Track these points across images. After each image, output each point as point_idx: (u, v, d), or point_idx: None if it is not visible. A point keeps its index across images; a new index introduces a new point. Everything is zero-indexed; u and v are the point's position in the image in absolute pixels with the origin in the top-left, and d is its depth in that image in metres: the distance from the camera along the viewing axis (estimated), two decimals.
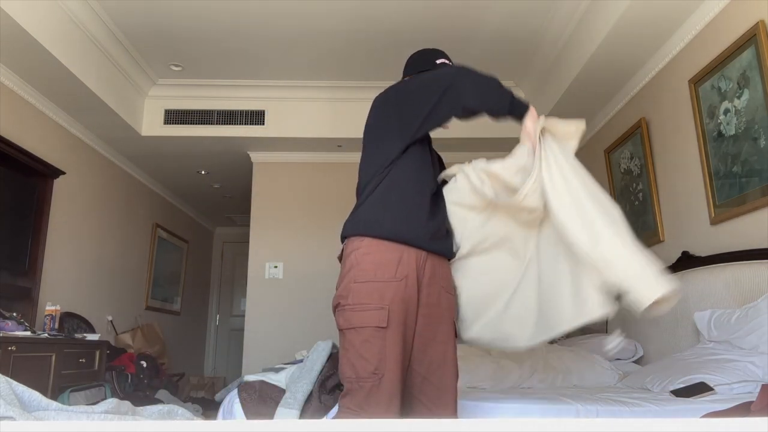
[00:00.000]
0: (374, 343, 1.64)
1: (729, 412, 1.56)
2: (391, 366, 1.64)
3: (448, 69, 1.91)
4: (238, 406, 2.24)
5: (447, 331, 1.80)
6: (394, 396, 1.63)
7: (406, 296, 1.70)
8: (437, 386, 1.74)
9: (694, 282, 3.00)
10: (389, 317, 1.65)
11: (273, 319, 4.82)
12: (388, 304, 1.66)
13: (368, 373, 1.63)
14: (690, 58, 3.19)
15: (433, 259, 1.78)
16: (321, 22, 3.78)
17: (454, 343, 1.81)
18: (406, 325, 1.69)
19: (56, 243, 4.09)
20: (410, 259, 1.72)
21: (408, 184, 1.79)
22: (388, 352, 1.64)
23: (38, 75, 3.62)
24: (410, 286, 1.71)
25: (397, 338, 1.66)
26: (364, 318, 1.66)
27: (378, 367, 1.63)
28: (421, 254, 1.75)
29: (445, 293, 1.82)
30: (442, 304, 1.80)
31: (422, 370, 1.74)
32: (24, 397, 1.51)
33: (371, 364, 1.63)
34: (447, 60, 2.01)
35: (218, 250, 8.41)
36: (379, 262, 1.70)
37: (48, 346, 3.17)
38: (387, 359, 1.63)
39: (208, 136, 4.74)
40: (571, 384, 2.84)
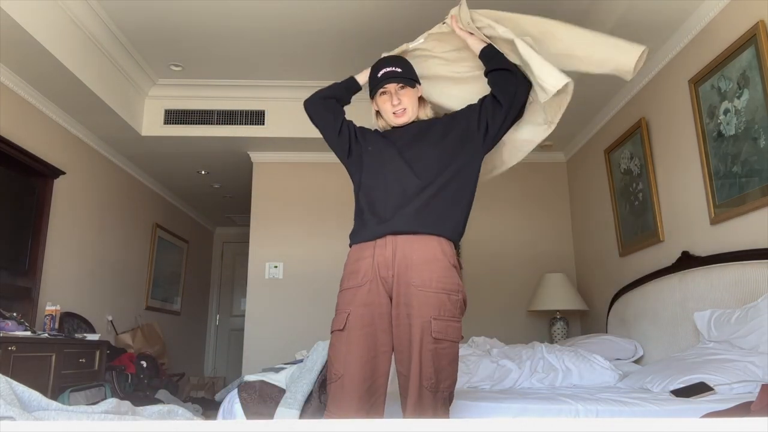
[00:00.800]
0: (336, 347, 1.78)
1: (729, 412, 1.56)
2: (351, 368, 1.71)
3: None
4: (238, 406, 2.24)
5: (413, 333, 1.71)
6: (356, 398, 1.69)
7: (369, 300, 1.78)
8: (403, 387, 1.77)
9: (694, 282, 3.01)
10: (348, 320, 1.76)
11: (273, 319, 4.82)
12: (350, 308, 1.78)
13: (332, 374, 1.76)
14: (690, 58, 3.19)
15: (403, 249, 1.78)
16: (321, 22, 3.78)
17: (421, 346, 1.69)
18: (375, 327, 1.76)
19: (56, 243, 4.10)
20: (374, 262, 1.80)
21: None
22: (346, 354, 1.73)
23: (38, 75, 3.62)
24: (373, 290, 1.78)
25: (357, 340, 1.74)
26: (333, 323, 1.82)
27: (337, 369, 1.74)
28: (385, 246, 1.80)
29: (417, 291, 1.73)
30: (411, 302, 1.73)
31: (404, 370, 1.76)
32: (24, 397, 1.51)
33: (333, 366, 1.76)
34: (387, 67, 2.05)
35: (218, 250, 8.41)
36: (348, 271, 1.86)
37: (48, 346, 3.16)
38: (346, 361, 1.72)
39: (208, 136, 4.74)
40: (571, 384, 2.84)
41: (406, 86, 2.00)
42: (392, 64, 2.01)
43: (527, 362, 2.93)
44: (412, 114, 2.00)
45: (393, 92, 1.99)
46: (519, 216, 5.06)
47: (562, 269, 4.86)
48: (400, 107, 1.98)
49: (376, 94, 2.03)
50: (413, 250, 1.78)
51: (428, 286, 1.74)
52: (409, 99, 1.99)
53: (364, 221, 1.89)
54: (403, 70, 2.01)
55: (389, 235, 1.81)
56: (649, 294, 3.46)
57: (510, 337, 4.16)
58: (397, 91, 1.99)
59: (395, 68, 2.00)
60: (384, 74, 1.98)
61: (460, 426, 0.69)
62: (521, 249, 4.97)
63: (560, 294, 4.44)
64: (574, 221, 5.03)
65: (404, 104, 1.98)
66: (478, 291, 4.98)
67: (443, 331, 1.71)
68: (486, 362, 2.97)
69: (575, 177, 5.00)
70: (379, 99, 2.03)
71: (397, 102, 1.98)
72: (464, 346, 3.46)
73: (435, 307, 1.72)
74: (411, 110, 2.00)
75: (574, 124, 4.54)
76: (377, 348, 1.74)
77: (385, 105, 2.01)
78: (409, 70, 2.04)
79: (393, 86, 1.99)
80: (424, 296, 1.73)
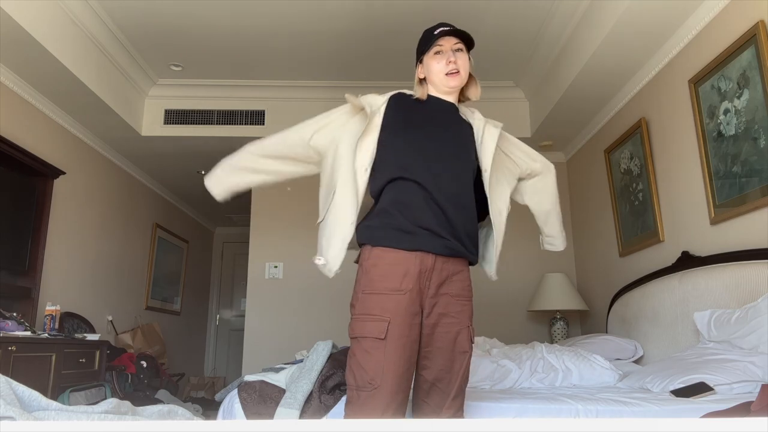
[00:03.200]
0: (373, 355, 1.65)
1: (729, 412, 1.56)
2: (390, 380, 1.64)
3: None
4: (238, 406, 2.24)
5: (458, 339, 1.74)
6: (389, 407, 1.64)
7: (410, 307, 1.69)
8: (445, 392, 1.73)
9: (694, 282, 3.01)
10: (389, 329, 1.65)
11: (273, 319, 4.82)
12: (391, 316, 1.66)
13: (365, 383, 1.65)
14: (690, 58, 3.19)
15: (442, 263, 1.74)
16: (321, 22, 3.78)
17: (467, 350, 1.75)
18: (410, 336, 1.68)
19: (56, 243, 4.10)
20: (414, 269, 1.70)
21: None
22: (386, 363, 1.64)
23: (38, 75, 3.62)
24: (413, 297, 1.70)
25: (397, 349, 1.65)
26: (366, 328, 1.68)
27: (373, 379, 1.64)
28: (427, 259, 1.72)
29: (455, 301, 1.76)
30: (451, 311, 1.75)
31: (430, 377, 1.73)
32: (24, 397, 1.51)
33: (368, 375, 1.65)
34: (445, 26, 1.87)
35: (218, 250, 8.41)
36: (384, 273, 1.72)
37: (48, 346, 3.16)
38: (384, 370, 1.64)
39: (208, 136, 4.74)
40: (571, 384, 2.84)
41: (463, 49, 1.84)
42: (449, 25, 1.85)
43: (527, 362, 2.93)
44: (464, 78, 1.85)
45: (449, 50, 1.81)
46: (519, 216, 5.05)
47: (562, 269, 4.86)
48: (455, 67, 1.81)
49: (428, 53, 1.84)
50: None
51: (465, 297, 1.81)
52: (464, 63, 1.83)
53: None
54: (463, 32, 1.84)
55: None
56: (649, 294, 3.46)
57: (510, 337, 4.15)
58: (454, 50, 1.82)
59: (453, 26, 1.84)
60: (441, 31, 1.82)
61: (460, 426, 0.69)
62: (521, 249, 4.97)
63: (560, 294, 4.44)
64: (574, 221, 5.03)
65: (459, 65, 1.82)
66: (478, 291, 4.97)
67: (473, 336, 1.80)
68: (486, 362, 2.97)
69: (575, 177, 5.00)
70: (432, 58, 1.83)
71: (453, 60, 1.80)
72: None
73: (466, 316, 1.80)
74: (464, 75, 1.84)
75: (574, 124, 4.53)
76: (410, 360, 1.70)
77: (439, 64, 1.82)
78: (468, 35, 1.85)
79: (450, 44, 1.82)
80: (460, 307, 1.78)
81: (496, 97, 4.76)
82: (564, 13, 3.66)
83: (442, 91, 1.87)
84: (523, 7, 3.65)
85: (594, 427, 0.67)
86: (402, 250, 1.70)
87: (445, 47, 1.81)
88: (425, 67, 1.86)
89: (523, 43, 4.07)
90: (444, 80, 1.82)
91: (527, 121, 4.80)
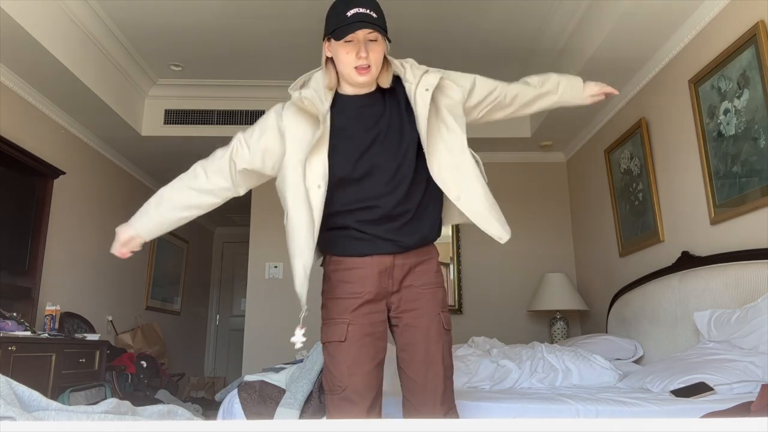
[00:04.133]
0: (337, 358, 1.67)
1: (729, 412, 1.56)
2: (357, 380, 1.66)
3: None
4: (238, 406, 2.24)
5: (431, 330, 1.72)
6: (365, 408, 1.65)
7: (372, 306, 1.70)
8: (423, 385, 1.71)
9: (694, 282, 3.01)
10: (348, 330, 1.66)
11: (273, 319, 4.82)
12: (349, 317, 1.67)
13: (334, 386, 1.68)
14: (690, 58, 3.19)
15: (402, 259, 1.70)
16: (321, 22, 3.78)
17: (440, 338, 1.72)
18: (373, 335, 1.69)
19: (56, 243, 4.09)
20: (373, 272, 1.69)
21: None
22: (351, 365, 1.65)
23: (38, 75, 3.62)
24: (376, 297, 1.70)
25: (360, 349, 1.66)
26: (329, 333, 1.71)
27: (341, 381, 1.66)
28: (385, 260, 1.69)
29: (424, 290, 1.73)
30: (421, 301, 1.72)
31: (408, 371, 1.73)
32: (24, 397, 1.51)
33: (335, 378, 1.67)
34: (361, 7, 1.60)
35: (218, 250, 8.40)
36: (342, 278, 1.72)
37: (48, 346, 3.16)
38: (349, 372, 1.65)
39: (208, 136, 4.74)
40: (571, 384, 2.84)
41: (379, 38, 1.60)
42: (365, 5, 1.58)
43: (527, 362, 2.93)
44: (375, 73, 1.63)
45: (362, 41, 1.58)
46: (519, 216, 5.05)
47: (562, 269, 4.86)
48: (365, 62, 1.58)
49: (339, 38, 1.58)
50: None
51: (433, 284, 1.76)
52: (377, 55, 1.60)
53: None
54: (377, 15, 1.59)
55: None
56: (649, 294, 3.46)
57: (510, 337, 4.15)
58: (367, 41, 1.58)
59: (368, 11, 1.57)
60: (355, 15, 1.55)
61: (460, 426, 0.69)
62: (521, 249, 4.97)
63: (560, 294, 4.44)
64: (574, 221, 5.03)
65: (371, 59, 1.59)
66: (478, 291, 4.99)
67: (448, 321, 1.76)
68: (486, 362, 2.97)
69: (575, 177, 5.00)
70: (341, 46, 1.59)
71: (365, 55, 1.58)
72: (464, 346, 3.46)
73: (439, 304, 1.75)
74: (375, 69, 1.62)
75: (574, 124, 4.53)
76: (377, 356, 1.71)
77: (348, 56, 1.59)
78: (382, 17, 1.61)
79: (363, 33, 1.57)
80: (430, 296, 1.74)
81: None
82: (564, 13, 3.66)
83: (351, 83, 1.66)
84: (524, 7, 3.65)
85: (594, 427, 0.67)
86: (358, 257, 1.69)
87: (357, 36, 1.57)
88: (333, 50, 1.63)
89: (523, 42, 4.07)
90: (352, 74, 1.61)
91: (527, 121, 4.80)
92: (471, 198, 1.68)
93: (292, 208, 1.70)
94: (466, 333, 3.95)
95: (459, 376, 2.85)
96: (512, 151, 5.09)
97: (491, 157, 5.08)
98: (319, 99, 1.66)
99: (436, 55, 4.12)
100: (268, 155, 1.73)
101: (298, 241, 1.69)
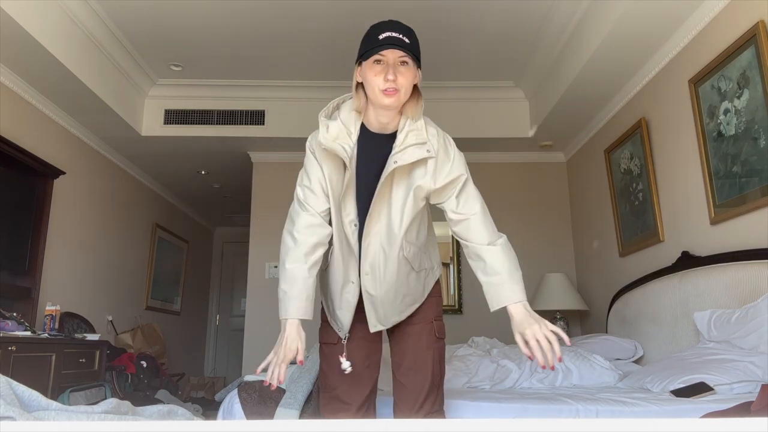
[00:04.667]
0: (330, 359, 1.75)
1: (729, 412, 1.56)
2: (348, 380, 1.72)
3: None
4: (238, 406, 2.24)
5: (422, 336, 1.78)
6: (354, 408, 1.71)
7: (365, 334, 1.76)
8: (409, 388, 1.76)
9: (694, 282, 3.01)
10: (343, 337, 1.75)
11: (273, 319, 4.80)
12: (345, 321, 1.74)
13: (327, 385, 1.76)
14: (690, 58, 3.19)
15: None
16: (321, 21, 3.78)
17: (431, 345, 1.78)
18: (366, 338, 1.76)
19: (56, 243, 4.09)
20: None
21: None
22: (342, 366, 1.70)
23: (38, 75, 3.62)
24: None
25: (353, 350, 1.73)
26: (323, 335, 1.80)
27: (332, 381, 1.74)
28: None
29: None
30: (412, 315, 1.80)
31: (397, 374, 1.78)
32: (24, 397, 1.51)
33: (328, 378, 1.75)
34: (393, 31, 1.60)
35: (218, 250, 8.41)
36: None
37: (48, 346, 3.16)
38: (341, 373, 1.70)
39: (208, 136, 4.74)
40: (571, 384, 2.84)
41: (409, 62, 1.56)
42: (398, 30, 1.57)
43: (527, 362, 2.93)
44: (403, 98, 1.59)
45: (391, 64, 1.55)
46: (519, 216, 5.05)
47: (562, 269, 4.86)
48: (393, 85, 1.54)
49: (368, 59, 1.57)
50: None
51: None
52: (406, 80, 1.56)
53: None
54: (411, 41, 1.58)
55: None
56: (649, 294, 3.46)
57: (510, 337, 4.12)
58: (397, 65, 1.55)
59: (401, 36, 1.56)
60: (387, 38, 1.55)
61: (460, 426, 0.69)
62: (521, 249, 4.95)
63: (560, 294, 4.44)
64: (574, 221, 5.03)
65: (399, 83, 1.55)
66: (478, 291, 4.97)
67: (441, 330, 1.81)
68: (486, 362, 2.97)
69: (575, 177, 5.00)
70: (370, 68, 1.57)
71: (393, 77, 1.54)
72: (464, 346, 3.46)
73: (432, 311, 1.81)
74: (404, 94, 1.58)
75: (574, 124, 4.53)
76: (369, 357, 1.77)
77: (377, 78, 1.55)
78: (416, 44, 1.60)
79: (394, 56, 1.55)
80: (426, 304, 1.81)
81: (496, 97, 4.77)
82: (564, 13, 3.66)
83: (376, 107, 1.61)
84: (524, 7, 3.65)
85: (594, 427, 0.67)
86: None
87: (387, 58, 1.55)
88: (363, 73, 1.61)
89: (523, 43, 4.07)
90: (379, 97, 1.56)
91: (527, 121, 4.80)
92: (379, 276, 1.68)
93: (335, 240, 1.69)
94: (466, 333, 3.95)
95: (459, 376, 2.86)
96: (512, 151, 5.09)
97: (491, 157, 5.08)
98: (347, 132, 1.64)
99: (435, 56, 4.12)
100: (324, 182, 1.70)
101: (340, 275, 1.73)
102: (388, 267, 1.66)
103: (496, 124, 4.76)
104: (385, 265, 1.66)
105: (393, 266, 1.66)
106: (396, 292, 1.70)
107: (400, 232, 1.65)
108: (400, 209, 1.64)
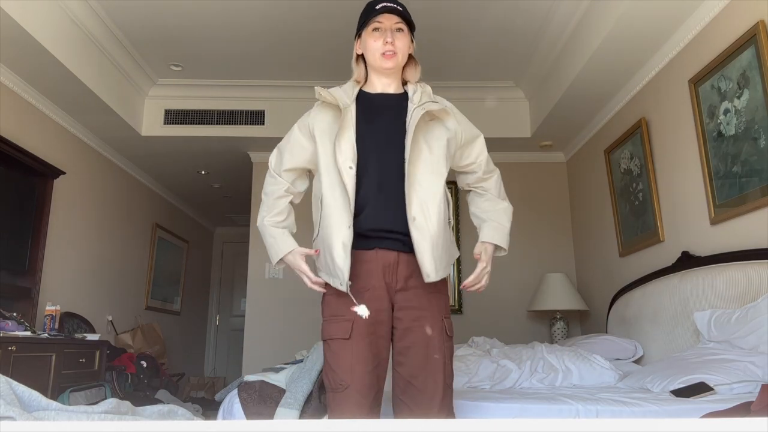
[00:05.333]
0: (340, 355, 1.68)
1: (729, 412, 1.56)
2: (359, 378, 1.66)
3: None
4: (238, 406, 2.24)
5: (433, 335, 1.72)
6: (366, 406, 1.66)
7: (376, 303, 1.69)
8: (421, 390, 1.70)
9: (694, 282, 3.01)
10: (353, 328, 1.67)
11: (273, 319, 4.82)
12: (354, 315, 1.66)
13: (336, 384, 1.68)
14: (690, 58, 3.19)
15: (406, 257, 1.71)
16: (321, 21, 3.78)
17: (442, 345, 1.72)
18: (377, 334, 1.69)
19: (56, 243, 4.10)
20: (376, 266, 1.70)
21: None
22: (354, 362, 1.66)
23: (38, 75, 3.62)
24: (380, 293, 1.70)
25: (364, 348, 1.67)
26: (332, 329, 1.71)
27: (343, 379, 1.67)
28: (389, 255, 1.71)
29: (426, 294, 1.74)
30: (423, 305, 1.73)
31: (405, 374, 1.72)
32: (24, 397, 1.51)
33: (337, 375, 1.68)
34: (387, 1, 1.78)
35: (218, 250, 8.41)
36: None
37: (48, 346, 3.17)
38: (352, 369, 1.66)
39: (208, 136, 4.74)
40: (571, 384, 2.84)
41: (404, 29, 1.77)
42: (392, 1, 1.77)
43: (527, 362, 2.93)
44: (401, 60, 1.77)
45: (388, 29, 1.74)
46: (519, 216, 5.04)
47: (562, 269, 4.86)
48: (391, 48, 1.73)
49: (367, 28, 1.77)
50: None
51: (436, 289, 1.77)
52: (403, 44, 1.76)
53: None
54: (404, 9, 1.78)
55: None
56: (649, 294, 3.46)
57: (510, 337, 4.15)
58: (393, 30, 1.75)
59: (395, 5, 1.76)
60: (383, 7, 1.74)
61: (460, 426, 0.69)
62: (521, 249, 4.97)
63: (560, 294, 4.44)
64: (574, 221, 5.03)
65: (397, 46, 1.74)
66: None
67: (451, 328, 1.78)
68: (486, 362, 2.97)
69: (575, 177, 5.00)
70: (369, 35, 1.76)
71: (391, 40, 1.73)
72: (464, 346, 3.46)
73: (441, 310, 1.76)
74: (401, 57, 1.77)
75: (574, 124, 4.53)
76: (380, 355, 1.71)
77: (376, 42, 1.75)
78: (410, 16, 1.81)
79: (390, 22, 1.75)
80: (430, 301, 1.74)
81: (496, 97, 4.77)
82: (564, 13, 3.66)
83: (378, 72, 1.80)
84: (523, 7, 3.65)
85: (594, 427, 0.67)
86: (360, 250, 1.70)
87: (384, 25, 1.74)
88: (363, 42, 1.80)
89: (523, 43, 4.07)
90: (379, 60, 1.75)
91: (527, 121, 4.80)
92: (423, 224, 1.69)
93: (327, 188, 1.73)
94: (466, 333, 3.95)
95: (459, 376, 2.86)
96: (512, 151, 5.09)
97: (491, 156, 5.07)
98: (345, 94, 1.79)
99: (435, 56, 4.13)
100: (300, 148, 1.84)
101: (334, 219, 1.69)
102: (432, 207, 1.70)
103: (496, 123, 4.76)
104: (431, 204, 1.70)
105: (436, 207, 1.70)
106: (439, 235, 1.70)
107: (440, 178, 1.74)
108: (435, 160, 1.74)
